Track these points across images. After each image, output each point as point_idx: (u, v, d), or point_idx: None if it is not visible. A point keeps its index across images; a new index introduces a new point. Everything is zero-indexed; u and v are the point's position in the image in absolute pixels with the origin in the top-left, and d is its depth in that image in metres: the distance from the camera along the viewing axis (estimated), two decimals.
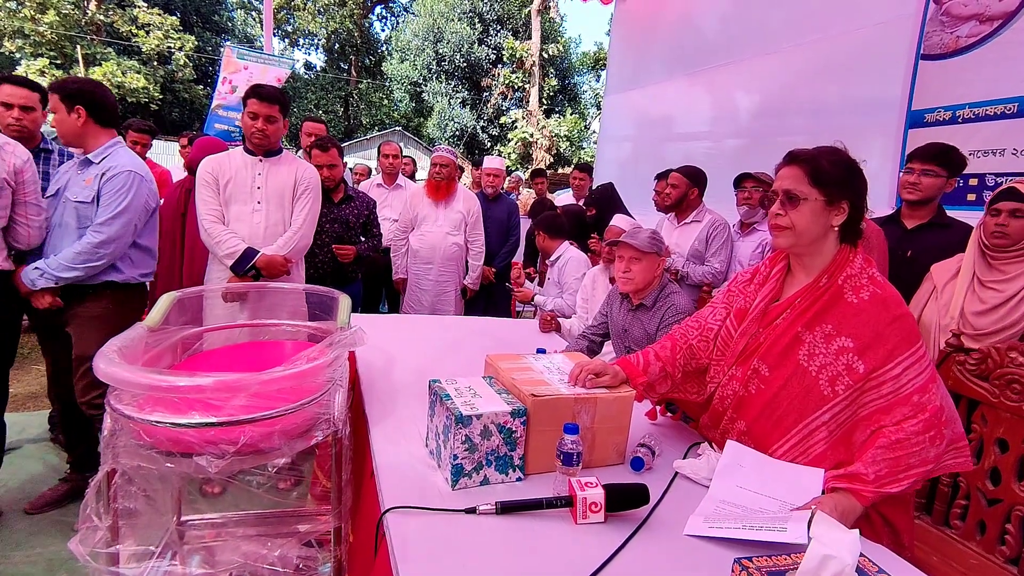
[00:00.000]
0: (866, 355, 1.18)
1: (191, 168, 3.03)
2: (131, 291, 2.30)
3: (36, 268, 2.10)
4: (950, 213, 2.31)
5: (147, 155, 4.14)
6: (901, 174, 2.34)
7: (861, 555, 0.85)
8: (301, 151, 3.74)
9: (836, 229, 1.25)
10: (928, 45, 2.80)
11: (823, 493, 1.16)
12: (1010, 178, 2.43)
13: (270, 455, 1.18)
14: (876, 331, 1.18)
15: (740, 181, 3.18)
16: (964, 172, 2.34)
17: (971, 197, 2.57)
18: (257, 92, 2.39)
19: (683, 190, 3.16)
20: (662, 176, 3.58)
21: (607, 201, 3.68)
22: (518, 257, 4.40)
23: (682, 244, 3.18)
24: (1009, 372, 1.55)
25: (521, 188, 8.31)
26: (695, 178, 3.17)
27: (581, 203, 4.63)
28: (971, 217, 2.28)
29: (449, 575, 0.93)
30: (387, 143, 4.38)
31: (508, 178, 7.45)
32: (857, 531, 0.85)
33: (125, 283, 2.26)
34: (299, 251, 2.50)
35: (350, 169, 5.44)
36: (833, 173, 1.22)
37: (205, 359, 1.56)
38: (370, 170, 6.39)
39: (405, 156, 5.55)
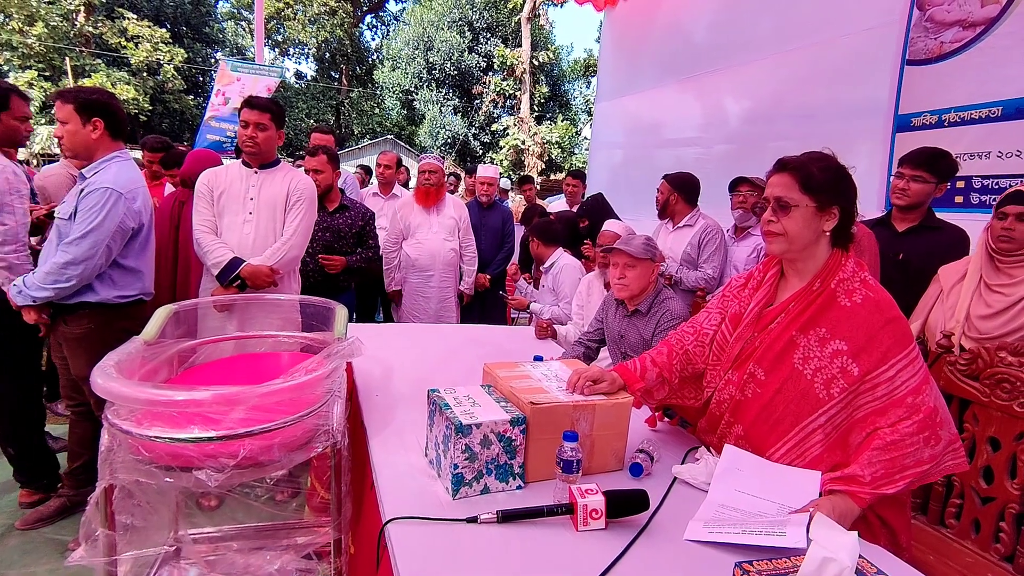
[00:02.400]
0: (860, 358, 1.20)
1: (185, 181, 3.03)
2: (115, 311, 2.15)
3: (15, 285, 2.04)
4: (937, 215, 2.34)
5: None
6: (891, 179, 2.37)
7: (860, 556, 0.86)
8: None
9: (827, 234, 1.27)
10: (913, 51, 2.85)
11: (820, 495, 1.17)
12: (997, 180, 2.47)
13: (269, 468, 1.18)
14: (869, 334, 1.20)
15: (735, 185, 3.21)
16: None
17: (958, 199, 2.61)
18: (249, 102, 2.41)
19: (666, 196, 3.23)
20: None
21: (598, 211, 3.71)
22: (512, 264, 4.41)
23: (675, 249, 3.20)
24: (999, 372, 1.57)
25: (512, 195, 8.32)
26: (678, 184, 3.21)
27: (574, 210, 4.65)
28: (958, 219, 2.32)
29: None
30: (384, 153, 4.38)
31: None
32: (856, 533, 0.86)
33: (101, 303, 2.12)
34: (288, 262, 2.48)
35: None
36: (823, 179, 1.24)
37: (201, 372, 1.56)
38: (364, 178, 6.41)
39: (403, 165, 5.56)
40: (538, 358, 1.79)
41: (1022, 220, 1.82)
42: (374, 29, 27.61)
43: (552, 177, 16.16)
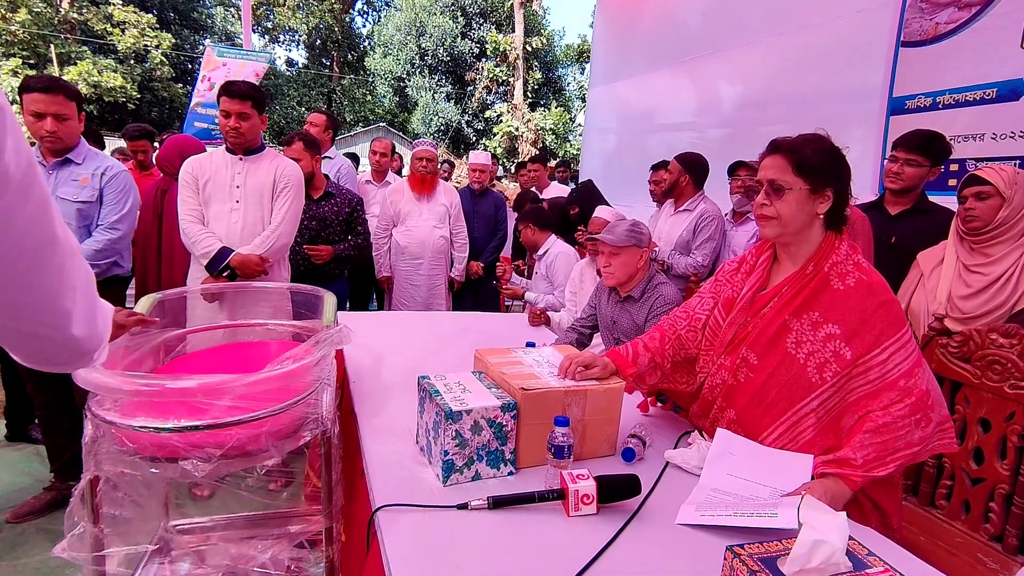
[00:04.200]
0: (853, 341, 1.19)
1: (163, 168, 3.00)
2: (123, 283, 2.43)
3: None
4: (931, 198, 2.33)
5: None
6: (885, 162, 2.36)
7: (851, 538, 0.86)
8: None
9: (821, 217, 1.26)
10: (908, 32, 2.82)
11: (813, 479, 1.17)
12: (992, 162, 2.46)
13: (258, 457, 1.17)
14: (863, 317, 1.19)
15: (734, 169, 3.18)
16: None
17: (952, 183, 2.59)
18: (227, 89, 2.34)
19: (675, 177, 3.15)
20: (658, 166, 3.57)
21: (588, 198, 3.68)
22: (506, 251, 4.38)
23: (672, 233, 3.17)
24: (990, 353, 1.57)
25: (505, 182, 8.26)
26: (690, 165, 3.13)
27: (543, 194, 4.66)
28: (952, 202, 2.31)
29: (442, 572, 0.92)
30: (378, 140, 4.32)
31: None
32: (845, 514, 0.86)
33: (117, 276, 2.41)
34: (277, 250, 2.45)
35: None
36: (816, 161, 1.22)
37: (189, 361, 1.54)
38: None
39: (396, 152, 5.50)
40: (530, 344, 1.78)
41: (980, 199, 1.86)
42: (365, 15, 27.17)
43: (547, 165, 16.04)
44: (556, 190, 4.81)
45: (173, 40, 19.17)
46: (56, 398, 2.25)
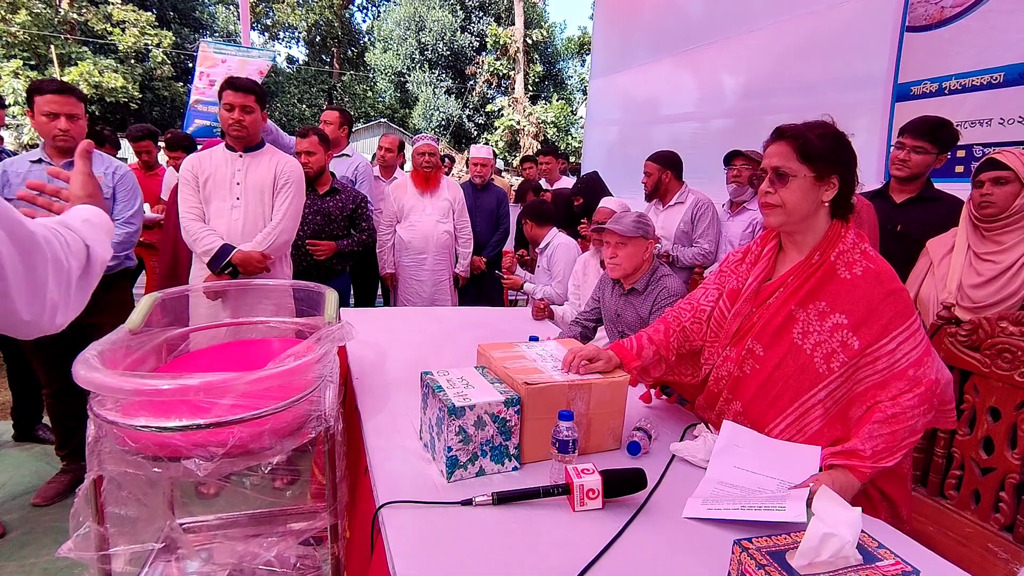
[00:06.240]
0: (860, 331, 1.18)
1: None
2: (132, 275, 2.63)
3: None
4: (938, 185, 2.30)
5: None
6: (892, 149, 2.33)
7: (861, 531, 0.84)
8: None
9: (827, 204, 1.24)
10: (913, 17, 2.78)
11: (820, 470, 1.15)
12: (1008, 147, 2.44)
13: (261, 455, 1.16)
14: (870, 306, 1.18)
15: (730, 159, 3.16)
16: None
17: (959, 169, 2.57)
18: (231, 83, 2.35)
19: (656, 176, 3.18)
20: None
21: (593, 189, 3.66)
22: (509, 245, 4.37)
23: (668, 227, 3.17)
24: (1000, 342, 1.55)
25: (507, 176, 8.24)
26: (665, 161, 3.17)
27: (553, 187, 4.62)
28: (959, 189, 2.28)
29: (446, 568, 0.91)
30: (386, 136, 4.31)
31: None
32: (859, 509, 0.84)
33: (131, 268, 2.57)
34: (279, 247, 2.44)
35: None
36: (821, 147, 1.20)
37: (191, 360, 1.53)
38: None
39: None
40: (533, 338, 1.77)
41: (998, 184, 1.81)
42: (364, 10, 27.07)
43: (559, 157, 15.98)
44: (567, 182, 4.79)
45: (173, 39, 19.15)
46: (68, 381, 2.28)
